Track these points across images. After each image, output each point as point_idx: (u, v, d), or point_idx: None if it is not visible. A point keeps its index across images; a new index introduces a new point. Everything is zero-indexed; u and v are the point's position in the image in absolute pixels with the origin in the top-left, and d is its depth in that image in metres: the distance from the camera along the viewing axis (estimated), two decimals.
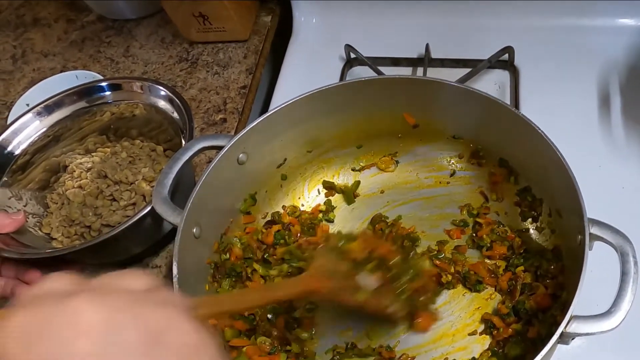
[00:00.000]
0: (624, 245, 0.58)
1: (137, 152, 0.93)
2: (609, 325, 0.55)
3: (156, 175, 0.89)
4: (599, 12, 1.00)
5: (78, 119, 0.93)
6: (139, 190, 0.87)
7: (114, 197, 0.88)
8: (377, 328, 0.76)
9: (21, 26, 1.27)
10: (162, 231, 0.85)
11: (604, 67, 0.96)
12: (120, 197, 0.87)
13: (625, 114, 0.90)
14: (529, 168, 0.76)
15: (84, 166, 0.92)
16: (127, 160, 0.92)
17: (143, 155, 0.93)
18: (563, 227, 0.71)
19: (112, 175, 0.89)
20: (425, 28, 1.05)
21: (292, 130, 0.81)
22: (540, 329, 0.67)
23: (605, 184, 0.83)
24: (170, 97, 0.88)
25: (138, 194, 0.87)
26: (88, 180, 0.90)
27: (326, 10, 1.10)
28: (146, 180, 0.89)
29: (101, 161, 0.92)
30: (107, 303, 0.33)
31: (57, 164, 0.93)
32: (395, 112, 0.82)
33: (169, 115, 0.89)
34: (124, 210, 0.87)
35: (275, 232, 0.82)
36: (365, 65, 1.00)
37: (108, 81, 0.93)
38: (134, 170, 0.90)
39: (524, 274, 0.74)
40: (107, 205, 0.87)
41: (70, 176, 0.92)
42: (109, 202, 0.88)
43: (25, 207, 0.88)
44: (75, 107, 0.92)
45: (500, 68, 0.99)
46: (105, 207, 0.87)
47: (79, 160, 0.93)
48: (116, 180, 0.88)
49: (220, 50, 1.12)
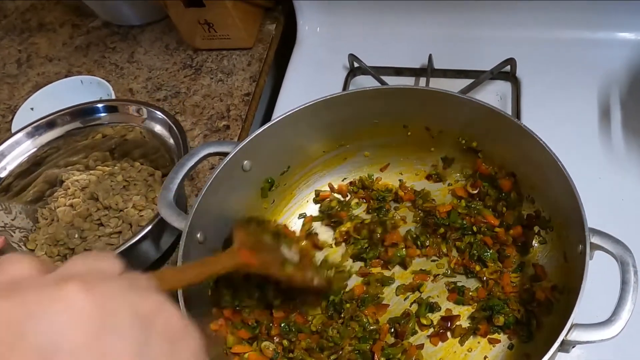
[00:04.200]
0: (624, 254, 0.59)
1: (134, 175, 0.93)
2: (609, 334, 0.56)
3: (147, 204, 0.89)
4: (600, 26, 1.01)
5: (72, 139, 0.92)
6: (127, 219, 0.87)
7: (102, 222, 0.88)
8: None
9: (27, 31, 1.28)
10: (150, 259, 0.85)
11: (604, 79, 0.97)
12: (108, 223, 0.87)
13: (625, 126, 0.91)
14: (530, 178, 0.77)
15: (79, 184, 0.93)
16: (121, 185, 0.92)
17: (139, 180, 0.93)
18: (563, 236, 0.72)
19: (103, 199, 0.89)
20: (428, 39, 1.06)
21: (296, 139, 0.82)
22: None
23: (605, 195, 0.84)
24: (167, 122, 0.88)
25: (125, 222, 0.87)
26: (80, 200, 0.90)
27: (330, 20, 1.11)
28: (136, 208, 0.89)
29: (97, 181, 0.92)
30: (98, 290, 0.33)
31: (56, 177, 0.94)
32: (397, 121, 0.83)
33: (165, 140, 0.89)
34: (108, 238, 0.87)
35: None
36: (368, 75, 1.01)
37: (104, 103, 0.93)
38: (126, 196, 0.90)
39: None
40: (93, 229, 0.88)
41: (65, 193, 0.92)
42: (96, 227, 0.88)
43: (13, 220, 0.88)
44: (70, 127, 0.92)
45: (502, 79, 1.00)
46: (91, 231, 0.87)
47: (76, 177, 0.94)
48: (106, 205, 0.89)
49: (224, 58, 1.13)
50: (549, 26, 1.02)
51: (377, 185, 0.88)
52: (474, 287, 0.78)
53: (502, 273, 0.77)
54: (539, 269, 0.75)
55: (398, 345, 0.73)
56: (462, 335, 0.74)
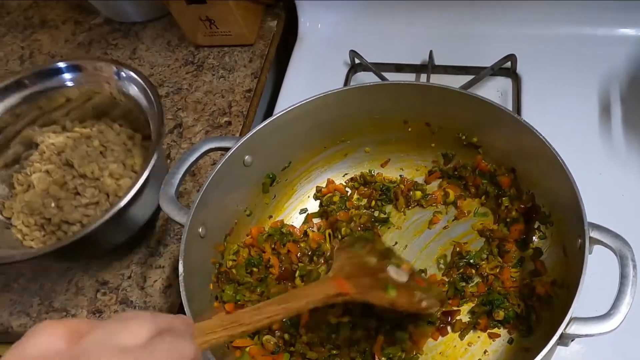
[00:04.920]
0: (623, 249, 0.60)
1: (112, 139, 0.89)
2: (608, 327, 0.56)
3: (125, 172, 0.86)
4: (600, 22, 1.01)
5: (44, 99, 0.89)
6: (103, 188, 0.85)
7: (78, 191, 0.85)
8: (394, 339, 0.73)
9: (29, 27, 1.28)
10: (137, 224, 0.83)
11: (605, 75, 0.98)
12: (84, 193, 0.85)
13: (625, 123, 0.92)
14: (530, 173, 0.77)
15: (55, 147, 0.89)
16: (97, 150, 0.88)
17: (117, 145, 0.89)
18: (563, 231, 0.72)
19: (79, 166, 0.86)
20: (429, 35, 1.07)
21: (297, 135, 0.82)
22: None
23: (605, 191, 0.84)
24: (139, 83, 0.85)
25: (102, 192, 0.85)
26: (55, 167, 0.87)
27: (331, 16, 1.12)
28: (112, 177, 0.86)
29: (73, 145, 0.89)
30: None
31: (31, 139, 0.91)
32: (398, 117, 0.83)
33: (139, 102, 0.85)
34: (85, 209, 0.84)
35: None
36: (369, 71, 1.01)
37: (70, 62, 0.90)
38: (102, 164, 0.87)
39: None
40: (69, 198, 0.85)
41: (40, 157, 0.90)
42: (72, 196, 0.86)
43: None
44: (35, 89, 0.89)
45: (503, 75, 1.01)
46: (67, 200, 0.85)
47: (52, 140, 0.90)
48: (82, 173, 0.86)
49: (226, 54, 1.13)
50: (550, 22, 1.02)
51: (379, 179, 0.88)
52: (474, 282, 0.78)
53: (502, 268, 0.77)
54: (539, 263, 0.76)
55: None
56: (463, 330, 0.74)
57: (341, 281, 0.61)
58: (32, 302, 0.87)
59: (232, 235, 0.81)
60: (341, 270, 0.63)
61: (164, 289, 0.85)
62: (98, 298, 0.86)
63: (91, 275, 0.88)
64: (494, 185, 0.82)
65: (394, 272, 0.66)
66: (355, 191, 0.89)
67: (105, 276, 0.88)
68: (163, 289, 0.85)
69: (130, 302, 0.85)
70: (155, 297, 0.84)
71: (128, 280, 0.87)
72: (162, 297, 0.84)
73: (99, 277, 0.88)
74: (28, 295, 0.88)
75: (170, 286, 0.85)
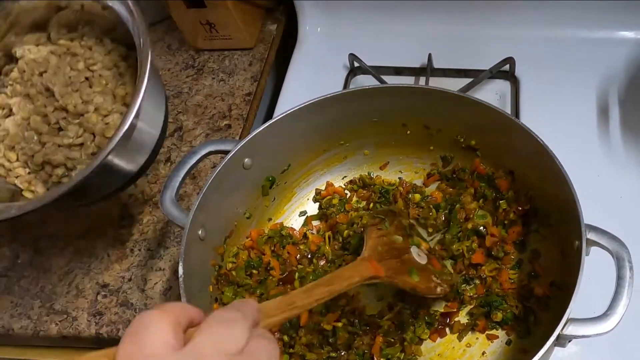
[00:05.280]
0: (619, 250, 0.60)
1: (100, 59, 0.78)
2: (604, 328, 0.56)
3: (114, 106, 0.77)
4: (599, 24, 1.01)
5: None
6: (89, 127, 0.75)
7: (61, 127, 0.76)
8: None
9: None
10: (129, 173, 0.77)
11: (603, 78, 0.98)
12: (67, 129, 0.76)
13: (623, 125, 0.92)
14: (528, 176, 0.78)
15: (36, 65, 0.78)
16: (82, 76, 0.77)
17: (106, 68, 0.78)
18: (561, 233, 0.72)
19: (61, 95, 0.75)
20: (428, 38, 1.07)
21: (296, 137, 0.83)
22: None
23: (603, 193, 0.84)
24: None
25: (87, 132, 0.76)
26: (36, 92, 0.77)
27: (331, 20, 1.12)
28: (99, 113, 0.76)
29: (55, 66, 0.78)
30: None
31: (10, 50, 0.81)
32: (397, 120, 0.84)
33: (120, 14, 0.74)
34: (69, 150, 0.76)
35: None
36: (368, 74, 1.02)
37: None
38: (86, 95, 0.76)
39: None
40: (52, 133, 0.76)
41: (20, 77, 0.80)
42: (55, 131, 0.77)
43: None
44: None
45: (501, 78, 1.01)
46: (49, 136, 0.76)
47: (33, 56, 0.79)
48: (63, 104, 0.75)
49: (226, 58, 1.14)
50: (548, 25, 1.03)
51: (378, 181, 0.89)
52: (472, 284, 0.79)
53: (500, 270, 0.78)
54: (537, 265, 0.76)
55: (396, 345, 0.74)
56: (461, 331, 0.75)
57: (374, 264, 0.65)
58: (33, 305, 0.88)
59: (232, 237, 0.81)
60: (374, 250, 0.67)
61: (164, 291, 0.85)
62: (98, 300, 0.87)
63: (91, 278, 0.89)
64: (492, 188, 0.82)
65: (416, 254, 0.70)
66: (355, 194, 0.89)
67: (106, 278, 0.88)
68: (163, 291, 0.85)
69: (131, 305, 0.85)
70: (155, 299, 0.85)
71: (128, 282, 0.87)
72: (162, 299, 0.85)
73: (99, 279, 0.89)
74: (29, 297, 0.89)
75: (171, 288, 0.86)
